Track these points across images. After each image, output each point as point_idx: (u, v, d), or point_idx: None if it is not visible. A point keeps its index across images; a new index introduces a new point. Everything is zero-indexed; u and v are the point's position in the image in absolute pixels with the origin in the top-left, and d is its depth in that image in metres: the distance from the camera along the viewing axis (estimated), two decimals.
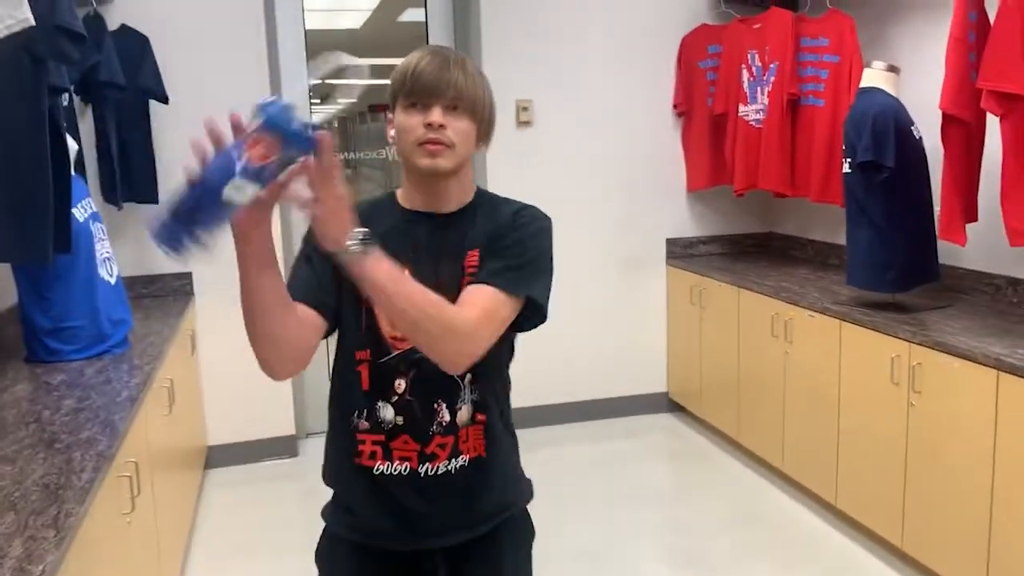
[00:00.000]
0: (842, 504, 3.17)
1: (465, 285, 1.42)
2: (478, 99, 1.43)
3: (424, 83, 1.40)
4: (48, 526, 1.51)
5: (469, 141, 1.44)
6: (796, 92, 3.79)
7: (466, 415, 1.49)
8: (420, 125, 1.40)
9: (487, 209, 1.52)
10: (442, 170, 1.42)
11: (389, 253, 1.34)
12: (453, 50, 1.47)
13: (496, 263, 1.42)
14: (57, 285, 2.66)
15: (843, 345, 3.09)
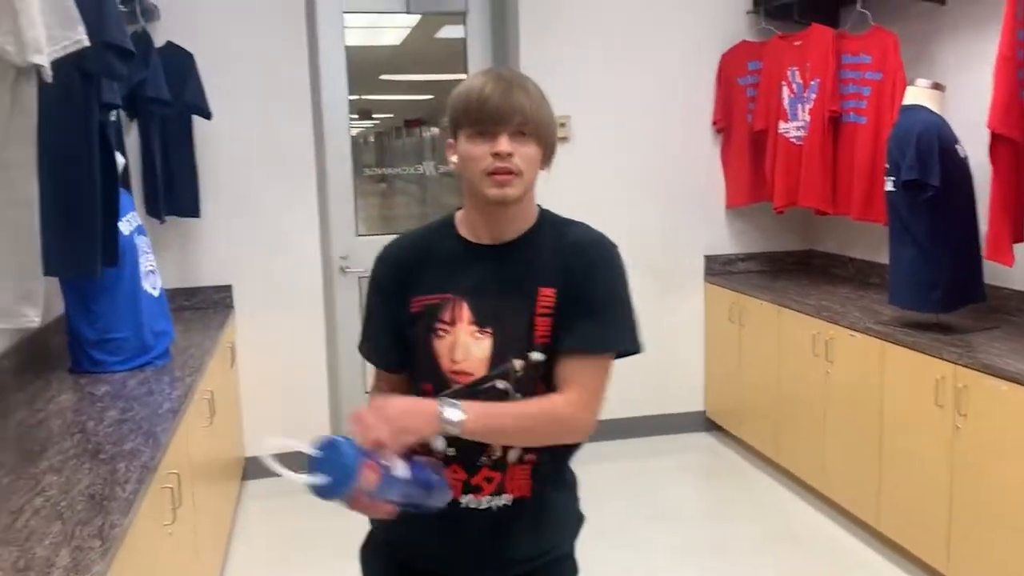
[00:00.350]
0: (884, 527, 3.11)
1: (538, 324, 1.41)
2: (543, 122, 1.39)
3: (490, 110, 1.36)
4: (94, 536, 1.53)
5: (535, 166, 1.41)
6: (837, 109, 3.75)
7: (516, 454, 1.46)
8: (487, 154, 1.37)
9: (551, 234, 1.48)
10: (511, 199, 1.39)
11: (451, 286, 1.44)
12: (513, 71, 1.45)
13: (588, 324, 1.41)
14: (103, 297, 2.70)
15: (885, 366, 3.04)
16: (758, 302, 3.90)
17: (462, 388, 1.43)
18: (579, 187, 4.13)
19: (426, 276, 1.48)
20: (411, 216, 4.72)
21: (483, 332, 1.43)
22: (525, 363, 1.43)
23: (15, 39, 1.73)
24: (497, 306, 1.43)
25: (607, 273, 1.46)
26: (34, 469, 1.88)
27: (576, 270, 1.43)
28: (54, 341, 3.02)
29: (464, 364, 1.43)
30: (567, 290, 1.43)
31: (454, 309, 1.44)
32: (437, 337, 1.45)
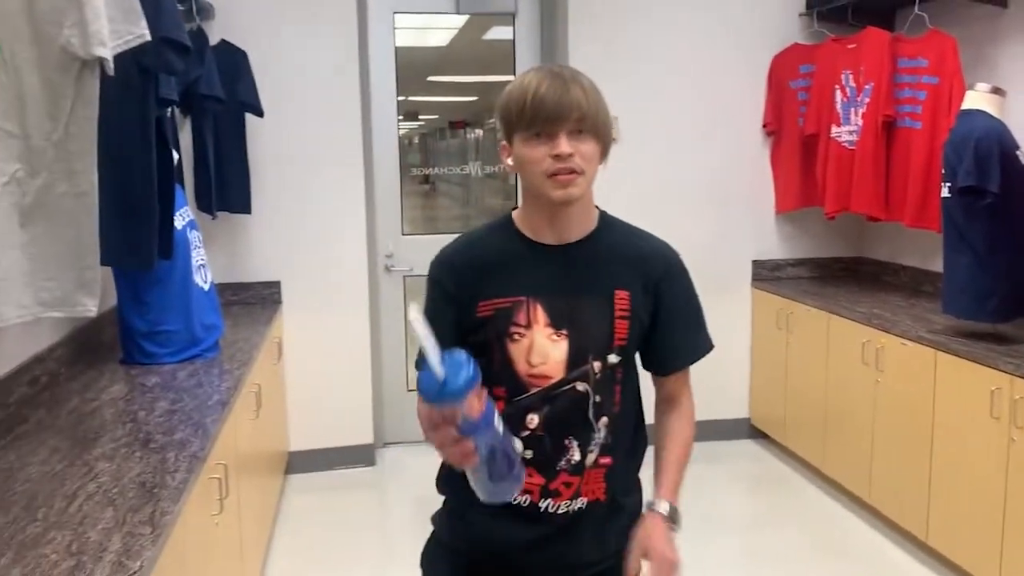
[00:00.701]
0: (933, 541, 3.04)
1: (617, 327, 1.42)
2: (600, 118, 1.36)
3: (547, 110, 1.32)
4: (145, 523, 1.55)
5: (595, 163, 1.38)
6: (892, 114, 3.68)
7: (593, 457, 1.46)
8: (546, 156, 1.33)
9: (617, 236, 1.48)
10: (575, 198, 1.37)
11: (523, 288, 1.42)
12: (564, 66, 1.40)
13: (688, 334, 1.51)
14: (154, 290, 2.75)
15: (938, 376, 2.97)
16: (807, 308, 3.84)
17: (541, 392, 1.42)
18: (626, 188, 4.11)
19: (494, 278, 1.45)
20: (454, 217, 4.74)
21: (559, 334, 1.41)
22: (603, 365, 1.43)
23: (80, 31, 1.77)
24: (573, 307, 1.42)
25: (686, 280, 1.51)
26: (87, 456, 1.91)
27: (655, 278, 1.46)
28: (106, 332, 3.08)
29: (542, 367, 1.42)
30: (642, 297, 1.44)
31: (529, 311, 1.42)
32: (512, 341, 1.43)
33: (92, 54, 1.79)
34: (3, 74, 1.70)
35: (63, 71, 1.77)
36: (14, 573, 1.37)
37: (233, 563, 2.42)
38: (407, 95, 4.32)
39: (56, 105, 1.77)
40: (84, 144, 1.82)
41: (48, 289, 1.86)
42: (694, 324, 1.53)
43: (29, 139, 1.77)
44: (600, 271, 1.44)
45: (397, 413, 4.29)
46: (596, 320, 1.42)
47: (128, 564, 1.39)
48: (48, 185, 1.80)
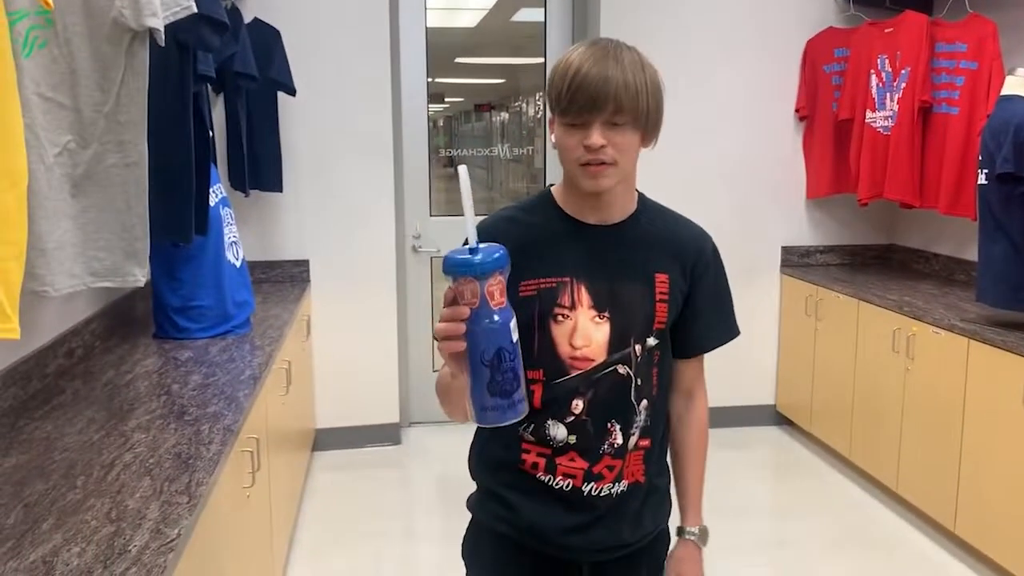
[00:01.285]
0: (961, 531, 3.02)
1: (658, 308, 1.42)
2: (640, 108, 1.30)
3: (582, 100, 1.28)
4: (181, 492, 1.57)
5: (632, 153, 1.35)
6: (928, 99, 3.63)
7: (634, 440, 1.45)
8: (579, 145, 1.31)
9: (657, 222, 1.47)
10: (605, 189, 1.36)
11: (567, 268, 1.40)
12: (616, 46, 1.33)
13: (717, 318, 1.51)
14: (188, 266, 2.78)
15: (970, 365, 2.94)
16: (836, 295, 3.81)
17: (583, 375, 1.40)
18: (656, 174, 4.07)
19: (536, 256, 1.41)
20: (478, 200, 4.74)
21: (602, 316, 1.40)
22: (643, 348, 1.42)
23: (132, 3, 1.78)
24: (614, 289, 1.40)
25: (719, 266, 1.52)
26: (123, 427, 1.94)
27: (691, 262, 1.46)
28: (138, 307, 3.12)
29: (585, 350, 1.40)
30: (680, 280, 1.45)
31: (573, 292, 1.40)
32: (556, 322, 1.40)
33: (144, 25, 1.80)
34: (55, 47, 1.71)
35: (114, 43, 1.78)
36: (56, 538, 1.39)
37: (263, 535, 2.45)
38: (435, 77, 4.32)
39: (106, 77, 1.79)
40: (134, 115, 1.84)
41: (99, 259, 1.88)
42: (723, 310, 1.53)
43: (80, 111, 1.79)
44: (641, 254, 1.43)
45: (423, 393, 4.31)
46: (638, 303, 1.41)
47: (166, 532, 1.41)
48: (99, 156, 1.82)
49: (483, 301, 1.14)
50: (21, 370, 2.14)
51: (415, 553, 3.12)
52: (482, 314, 1.15)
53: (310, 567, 3.04)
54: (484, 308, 1.15)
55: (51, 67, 1.73)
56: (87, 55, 1.77)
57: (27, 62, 1.64)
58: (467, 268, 1.14)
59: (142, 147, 1.87)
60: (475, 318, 1.15)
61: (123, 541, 1.38)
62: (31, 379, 2.19)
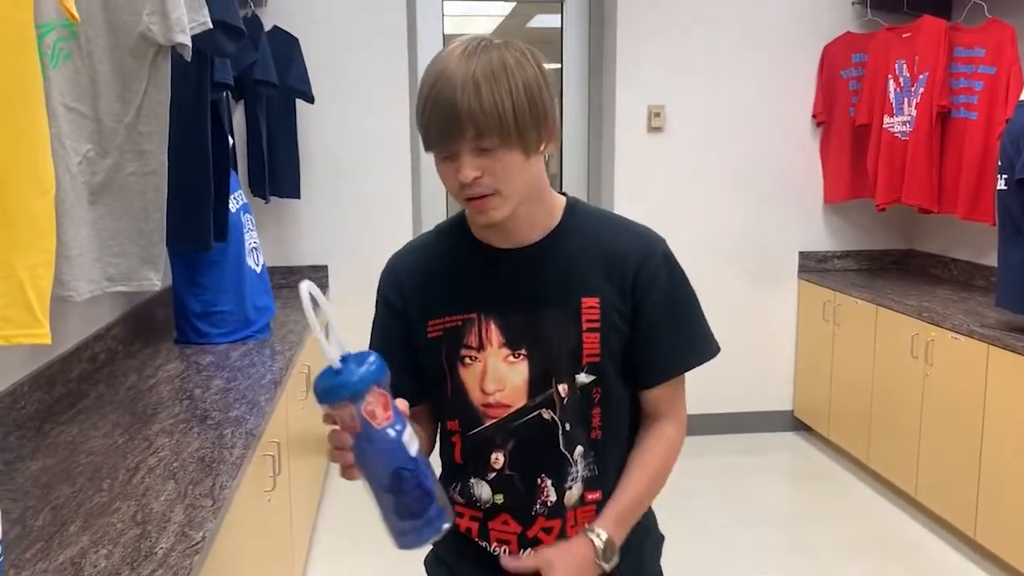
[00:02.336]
0: (982, 538, 3.00)
1: (586, 341, 1.20)
2: (506, 125, 1.08)
3: (436, 131, 1.10)
4: (205, 496, 1.59)
5: (516, 175, 1.13)
6: (947, 104, 3.62)
7: (576, 494, 1.25)
8: (455, 180, 1.12)
9: (585, 235, 1.24)
10: (498, 221, 1.16)
11: (474, 303, 1.22)
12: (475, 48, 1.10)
13: (672, 340, 1.24)
14: (209, 272, 2.81)
15: (990, 371, 2.93)
16: (854, 301, 3.80)
17: (498, 424, 1.22)
18: (673, 179, 4.10)
19: (442, 292, 1.25)
20: None
21: (517, 355, 1.21)
22: (571, 387, 1.21)
23: (160, 19, 1.82)
24: (532, 322, 1.20)
25: (671, 273, 1.25)
26: (147, 431, 1.97)
27: (631, 275, 1.22)
28: (160, 312, 3.16)
29: (499, 395, 1.22)
30: (617, 301, 1.21)
31: (481, 330, 1.22)
32: (463, 365, 1.23)
33: (173, 40, 1.85)
34: (79, 59, 1.75)
35: (138, 57, 1.82)
36: (84, 540, 1.41)
37: (283, 539, 2.47)
38: None
39: (128, 89, 1.83)
40: (155, 126, 1.87)
41: (115, 264, 1.91)
42: (686, 327, 1.27)
43: (100, 121, 1.82)
44: (563, 277, 1.21)
45: None
46: (559, 336, 1.20)
47: (191, 535, 1.43)
48: (117, 165, 1.85)
49: (364, 424, 1.00)
50: (46, 375, 2.17)
51: None
52: (366, 437, 1.01)
53: (329, 571, 3.05)
54: (367, 430, 1.01)
55: (75, 78, 1.76)
56: (108, 67, 1.81)
57: (54, 73, 1.68)
58: (334, 393, 0.99)
59: (162, 156, 1.90)
60: (360, 443, 1.02)
61: (149, 543, 1.40)
62: (56, 383, 2.22)
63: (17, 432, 1.95)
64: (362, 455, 1.03)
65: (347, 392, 0.99)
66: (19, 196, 1.24)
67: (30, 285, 1.27)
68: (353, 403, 0.99)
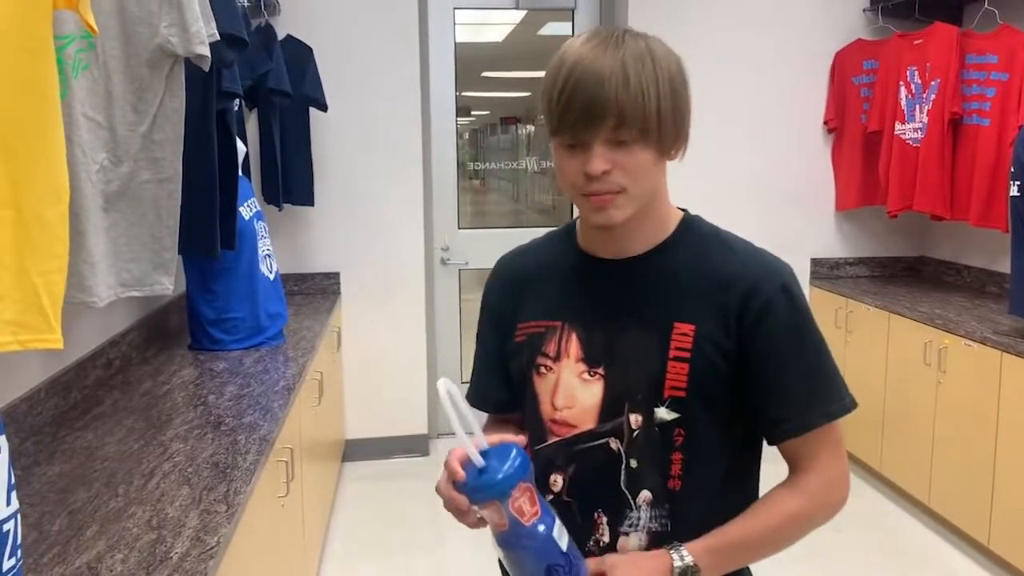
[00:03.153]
0: (995, 546, 2.99)
1: (670, 370, 1.08)
2: (650, 117, 1.01)
3: (573, 115, 1.01)
4: (219, 501, 1.61)
5: (646, 175, 1.06)
6: (959, 111, 3.61)
7: (634, 545, 1.11)
8: (579, 172, 1.04)
9: (696, 251, 1.14)
10: (617, 222, 1.07)
11: (561, 312, 1.15)
12: (619, 35, 1.04)
13: (786, 386, 1.09)
14: (222, 279, 2.83)
15: (1003, 378, 2.92)
16: (866, 308, 3.79)
17: (561, 444, 1.14)
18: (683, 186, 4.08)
19: (536, 298, 1.19)
20: (504, 213, 4.78)
21: (593, 373, 1.12)
22: (645, 420, 1.10)
23: (180, 31, 1.86)
24: (615, 340, 1.11)
25: (791, 312, 1.10)
26: (162, 437, 1.99)
27: (738, 308, 1.08)
28: (173, 319, 3.18)
29: (566, 413, 1.13)
30: (717, 333, 1.08)
31: (561, 340, 1.14)
32: (538, 374, 1.16)
33: (193, 52, 1.88)
34: (95, 69, 1.77)
35: (154, 67, 1.85)
36: (100, 544, 1.43)
37: (296, 544, 2.48)
38: (462, 91, 4.36)
39: (141, 99, 1.85)
40: (169, 134, 1.90)
41: (128, 270, 1.93)
42: (804, 373, 1.10)
43: (115, 130, 1.85)
44: (658, 296, 1.11)
45: None
46: (640, 359, 1.09)
47: (206, 540, 1.44)
48: (132, 173, 1.88)
49: (512, 521, 0.98)
50: (62, 381, 2.19)
51: (444, 563, 3.14)
52: (515, 534, 0.99)
53: (342, 574, 3.07)
54: (516, 528, 0.98)
55: (92, 88, 1.79)
56: (122, 78, 1.84)
57: (75, 83, 1.70)
58: (483, 492, 0.98)
59: (177, 164, 1.93)
60: (510, 540, 1.00)
61: (164, 548, 1.41)
62: (71, 390, 2.24)
63: (34, 438, 1.97)
64: (512, 554, 1.02)
65: (494, 492, 0.98)
66: (35, 204, 1.26)
67: (44, 291, 1.29)
68: (500, 501, 0.98)
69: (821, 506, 1.14)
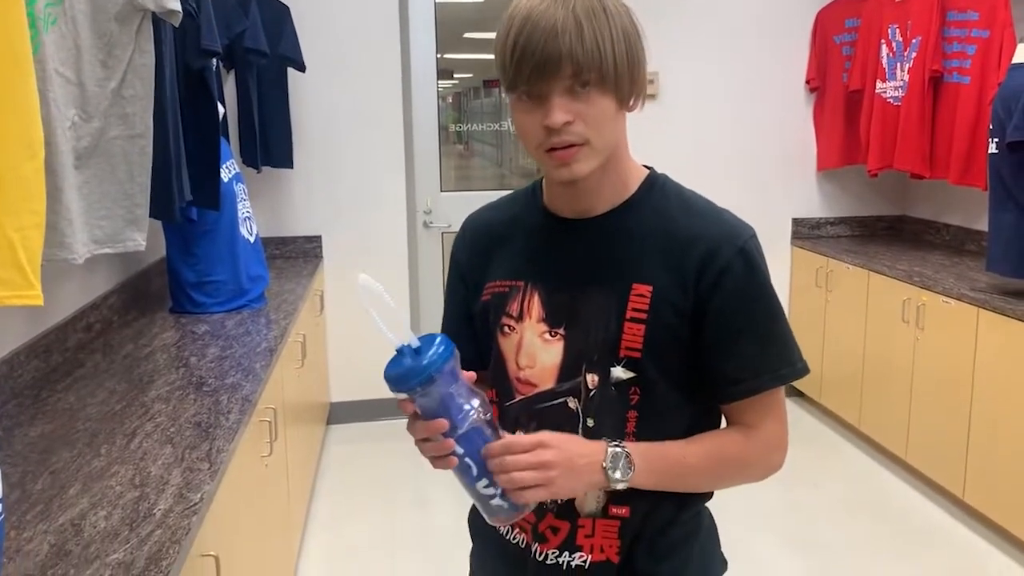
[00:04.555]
0: (970, 498, 3.05)
1: (626, 330, 1.07)
2: (606, 62, 1.00)
3: (529, 68, 0.99)
4: (202, 459, 1.61)
5: (608, 124, 1.04)
6: (939, 69, 3.61)
7: (592, 503, 1.12)
8: (539, 127, 1.02)
9: (659, 213, 1.12)
10: (581, 177, 1.06)
11: (525, 272, 1.15)
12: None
13: (738, 349, 1.09)
14: (203, 241, 2.81)
15: (980, 334, 2.96)
16: (846, 266, 3.82)
17: (524, 402, 1.15)
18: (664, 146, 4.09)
19: (500, 257, 1.19)
20: (487, 177, 4.76)
21: (554, 333, 1.12)
22: (602, 379, 1.10)
23: None
24: (573, 301, 1.11)
25: (749, 275, 1.09)
26: (144, 398, 1.99)
27: (697, 268, 1.07)
28: (154, 283, 3.16)
29: (528, 372, 1.13)
30: (676, 294, 1.07)
31: (524, 300, 1.14)
32: (502, 334, 1.16)
33: (164, 7, 1.85)
34: (63, 24, 1.75)
35: (123, 23, 1.82)
36: (83, 502, 1.44)
37: (281, 503, 2.50)
38: (443, 53, 4.31)
39: (111, 55, 1.83)
40: (140, 90, 1.88)
41: (101, 227, 1.92)
42: (757, 336, 1.10)
43: (84, 86, 1.82)
44: (617, 257, 1.10)
45: None
46: (598, 320, 1.09)
47: (189, 496, 1.45)
48: (102, 129, 1.86)
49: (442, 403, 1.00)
50: (43, 343, 2.18)
51: (430, 523, 3.17)
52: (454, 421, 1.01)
53: (327, 534, 3.09)
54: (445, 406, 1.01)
55: (61, 43, 1.77)
56: (89, 33, 1.81)
57: (47, 38, 1.68)
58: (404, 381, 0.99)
59: (148, 120, 1.92)
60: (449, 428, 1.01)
61: (148, 505, 1.42)
62: (52, 352, 2.24)
63: (15, 400, 1.97)
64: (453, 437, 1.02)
65: (415, 383, 0.98)
66: (8, 159, 1.24)
67: (21, 247, 1.28)
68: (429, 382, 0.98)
69: (759, 460, 1.16)
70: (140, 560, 1.25)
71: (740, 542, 3.00)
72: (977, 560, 2.90)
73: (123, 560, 1.25)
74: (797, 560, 2.94)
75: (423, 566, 2.90)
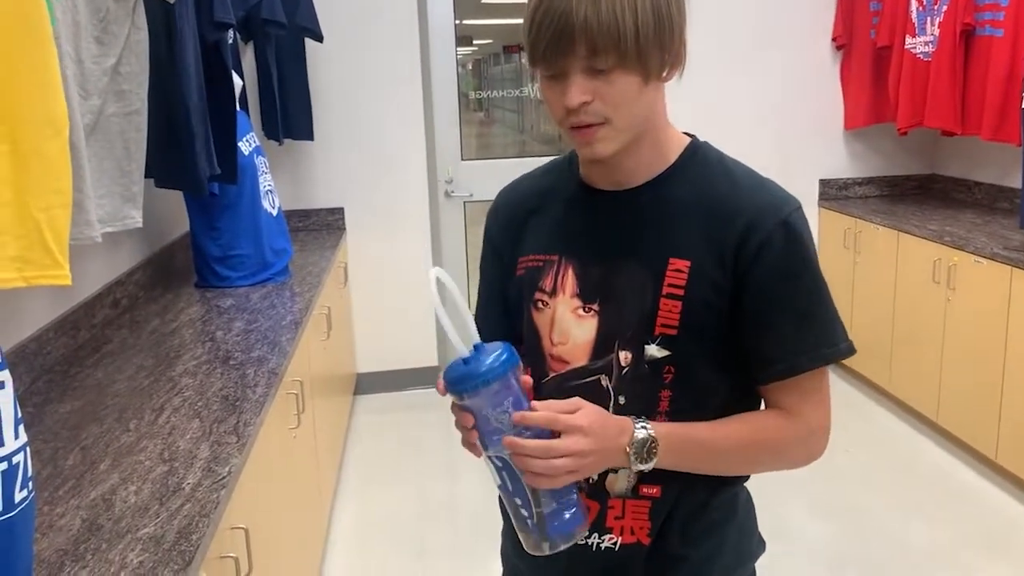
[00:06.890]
0: (1003, 460, 3.01)
1: (662, 307, 1.03)
2: (625, 41, 0.93)
3: (544, 44, 0.95)
4: (230, 433, 1.62)
5: (630, 104, 0.98)
6: (971, 22, 3.51)
7: (623, 483, 1.09)
8: (560, 104, 0.99)
9: (696, 185, 1.07)
10: (603, 156, 1.02)
11: (559, 245, 1.12)
12: None
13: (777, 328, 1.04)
14: (226, 215, 2.82)
15: (1013, 293, 2.90)
16: (875, 227, 3.76)
17: (557, 379, 1.12)
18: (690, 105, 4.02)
19: (536, 230, 1.16)
20: (509, 144, 4.72)
21: (588, 309, 1.08)
22: (635, 357, 1.06)
23: None
24: (608, 276, 1.07)
25: (792, 251, 1.03)
26: (171, 372, 2.00)
27: (735, 243, 1.02)
28: (178, 258, 3.18)
29: (561, 349, 1.10)
30: (714, 270, 1.03)
31: (558, 275, 1.11)
32: (536, 310, 1.13)
33: None
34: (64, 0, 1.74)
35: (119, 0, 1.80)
36: (113, 477, 1.45)
37: (310, 475, 2.52)
38: (462, 19, 4.26)
39: (106, 31, 1.82)
40: (135, 67, 1.88)
41: (102, 206, 1.92)
42: (798, 314, 1.04)
43: (82, 63, 1.81)
44: (655, 230, 1.06)
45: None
46: (633, 296, 1.05)
47: (217, 470, 1.46)
48: (101, 107, 1.85)
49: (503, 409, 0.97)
50: (70, 320, 2.20)
51: (459, 492, 3.19)
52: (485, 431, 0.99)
53: (356, 505, 3.12)
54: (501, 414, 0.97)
55: (63, 20, 1.75)
56: (86, 9, 1.80)
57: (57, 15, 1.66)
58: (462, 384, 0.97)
59: (143, 96, 1.91)
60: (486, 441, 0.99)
61: (177, 479, 1.43)
62: (80, 329, 2.25)
63: (45, 376, 1.99)
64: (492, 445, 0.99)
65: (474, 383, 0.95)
66: (32, 137, 1.24)
67: (47, 227, 1.28)
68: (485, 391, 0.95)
69: (797, 446, 1.10)
70: (171, 534, 1.26)
71: (768, 507, 2.99)
72: (1011, 522, 2.87)
73: (154, 534, 1.26)
74: (830, 524, 2.92)
75: (453, 536, 2.92)
